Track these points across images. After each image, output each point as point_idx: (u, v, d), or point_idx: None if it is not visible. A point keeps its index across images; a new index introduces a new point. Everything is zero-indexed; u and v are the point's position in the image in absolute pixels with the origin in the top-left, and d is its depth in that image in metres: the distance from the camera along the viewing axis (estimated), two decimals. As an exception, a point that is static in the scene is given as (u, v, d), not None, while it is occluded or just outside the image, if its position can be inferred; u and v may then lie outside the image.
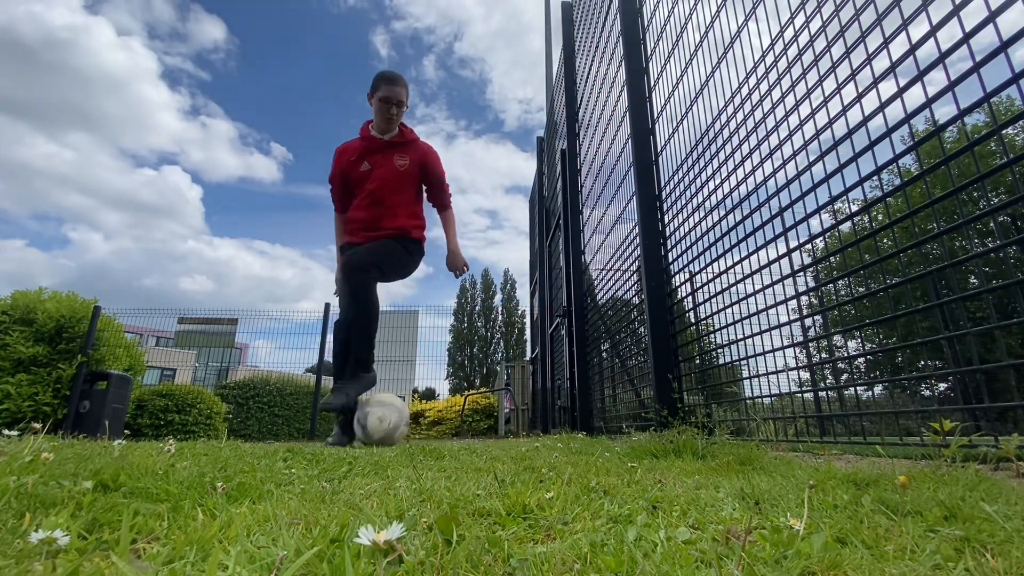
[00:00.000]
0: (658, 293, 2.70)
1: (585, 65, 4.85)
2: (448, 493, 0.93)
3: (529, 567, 0.52)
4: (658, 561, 0.53)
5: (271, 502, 0.83)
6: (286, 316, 10.81)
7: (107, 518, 0.68)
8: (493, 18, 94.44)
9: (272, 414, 8.06)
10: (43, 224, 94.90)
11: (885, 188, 1.55)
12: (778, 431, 2.16)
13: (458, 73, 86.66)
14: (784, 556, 0.54)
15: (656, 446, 1.74)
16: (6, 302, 5.76)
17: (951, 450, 1.17)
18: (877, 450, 1.46)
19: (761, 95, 2.04)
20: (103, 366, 5.99)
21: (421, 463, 1.55)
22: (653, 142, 2.99)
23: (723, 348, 2.25)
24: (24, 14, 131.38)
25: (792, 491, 0.91)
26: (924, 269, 1.38)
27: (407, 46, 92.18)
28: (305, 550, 0.52)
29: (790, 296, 1.86)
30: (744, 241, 2.11)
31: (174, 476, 0.96)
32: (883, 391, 5.56)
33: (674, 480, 1.12)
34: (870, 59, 1.51)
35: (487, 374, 35.98)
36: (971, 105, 1.23)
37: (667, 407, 2.42)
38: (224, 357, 9.93)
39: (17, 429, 1.36)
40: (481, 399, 8.51)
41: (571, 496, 0.88)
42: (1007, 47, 1.14)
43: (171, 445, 1.45)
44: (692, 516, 0.75)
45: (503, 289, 40.80)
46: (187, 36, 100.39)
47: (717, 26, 2.35)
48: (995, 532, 0.61)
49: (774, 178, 1.95)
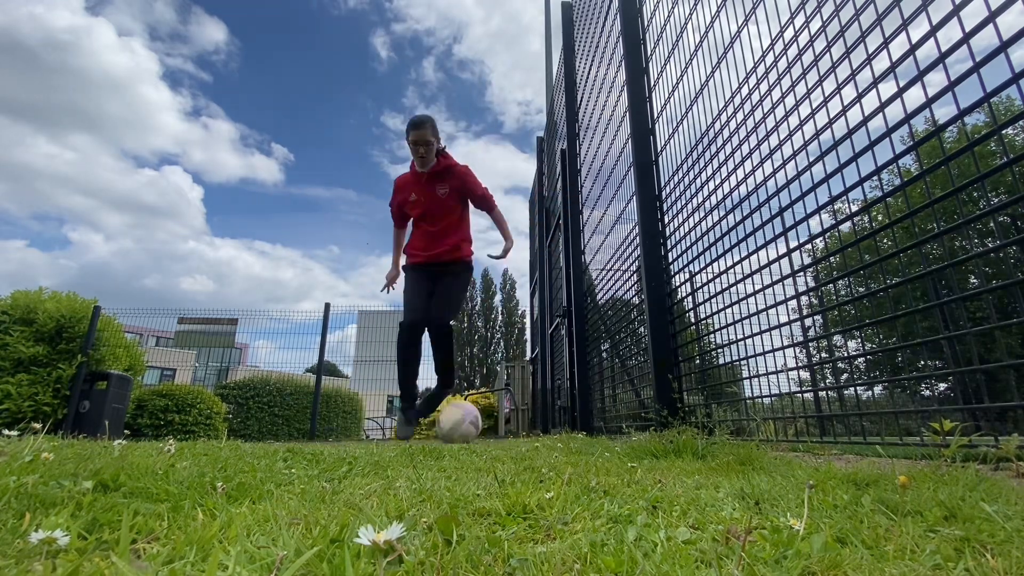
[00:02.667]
0: (658, 293, 2.70)
1: (585, 66, 4.85)
2: (448, 493, 0.93)
3: (529, 567, 0.52)
4: (658, 561, 0.53)
5: (271, 502, 0.83)
6: (286, 316, 10.82)
7: (107, 518, 0.68)
8: (492, 20, 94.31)
9: (272, 414, 8.06)
10: (44, 224, 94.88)
11: (885, 188, 1.55)
12: (778, 431, 2.16)
13: (458, 75, 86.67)
14: (784, 556, 0.54)
15: (656, 446, 1.74)
16: (6, 302, 5.76)
17: (951, 450, 1.17)
18: (877, 450, 1.46)
19: (761, 95, 2.04)
20: (103, 366, 5.99)
21: (421, 463, 1.55)
22: (653, 142, 2.99)
23: (723, 348, 2.25)
24: (25, 16, 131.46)
25: (792, 491, 0.91)
26: (924, 269, 1.38)
27: (407, 48, 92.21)
28: (305, 550, 0.52)
29: (790, 296, 1.86)
30: (744, 241, 2.11)
31: (174, 476, 0.96)
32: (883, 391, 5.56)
33: (674, 480, 1.12)
34: (870, 59, 1.51)
35: (487, 374, 35.98)
36: (971, 105, 1.23)
37: (667, 407, 2.42)
38: (224, 357, 9.93)
39: (17, 429, 1.36)
40: (481, 399, 8.50)
41: (571, 496, 0.88)
42: (1007, 47, 1.14)
43: (171, 445, 1.45)
44: (692, 516, 0.75)
45: (503, 289, 40.79)
46: (188, 38, 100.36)
47: (717, 26, 2.35)
48: (995, 532, 0.61)
49: (774, 178, 1.95)
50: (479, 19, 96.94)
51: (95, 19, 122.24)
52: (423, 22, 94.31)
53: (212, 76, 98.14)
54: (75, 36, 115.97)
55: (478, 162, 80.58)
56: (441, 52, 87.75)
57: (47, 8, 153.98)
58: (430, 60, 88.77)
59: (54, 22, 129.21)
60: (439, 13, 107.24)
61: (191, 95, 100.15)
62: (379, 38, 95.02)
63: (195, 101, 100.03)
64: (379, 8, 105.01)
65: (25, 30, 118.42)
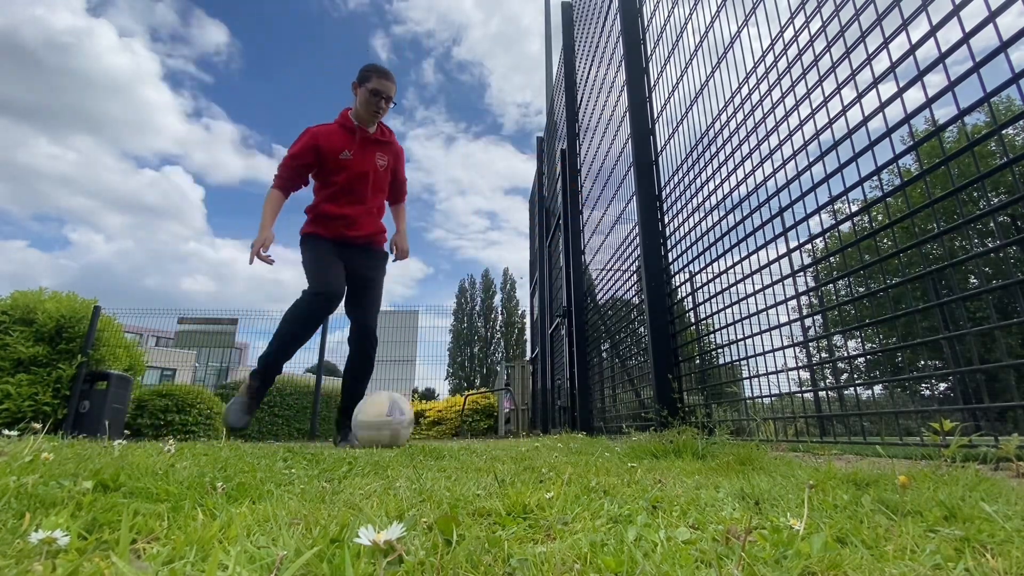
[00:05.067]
0: (658, 293, 2.70)
1: (585, 66, 4.85)
2: (448, 493, 0.93)
3: (529, 567, 0.52)
4: (658, 561, 0.53)
5: (271, 502, 0.83)
6: (286, 316, 10.77)
7: (107, 518, 0.68)
8: (491, 22, 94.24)
9: (272, 414, 8.06)
10: (44, 225, 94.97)
11: (885, 188, 1.55)
12: (778, 431, 2.16)
13: (457, 78, 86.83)
14: (784, 556, 0.54)
15: (656, 446, 1.74)
16: (6, 302, 5.76)
17: (951, 450, 1.17)
18: (877, 450, 1.46)
19: (761, 95, 2.04)
20: (103, 366, 5.99)
21: (421, 463, 1.55)
22: (653, 142, 2.99)
23: (723, 348, 2.25)
24: (27, 17, 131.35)
25: (792, 491, 0.91)
26: (924, 269, 1.38)
27: (407, 50, 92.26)
28: (305, 550, 0.52)
29: (790, 296, 1.86)
30: (744, 241, 2.11)
31: (174, 476, 0.96)
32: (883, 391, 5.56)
33: (674, 480, 1.12)
34: (869, 60, 1.51)
35: (487, 374, 35.98)
36: (971, 105, 1.23)
37: (667, 407, 2.42)
38: (224, 357, 9.93)
39: (17, 429, 1.36)
40: (481, 399, 8.50)
41: (571, 496, 0.88)
42: (1007, 47, 1.14)
43: (171, 445, 1.45)
44: (692, 516, 0.75)
45: (503, 289, 40.81)
46: (189, 39, 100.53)
47: (717, 26, 2.35)
48: (995, 532, 0.61)
49: (774, 178, 1.95)
50: (478, 21, 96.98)
51: (96, 21, 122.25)
52: (423, 24, 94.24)
53: (213, 77, 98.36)
54: (76, 38, 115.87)
55: (477, 163, 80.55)
56: (441, 54, 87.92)
57: (48, 9, 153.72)
58: (430, 62, 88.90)
59: (55, 24, 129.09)
60: (439, 15, 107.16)
61: (192, 96, 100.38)
62: (379, 40, 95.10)
63: (196, 102, 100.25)
64: (379, 10, 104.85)
65: (26, 32, 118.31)
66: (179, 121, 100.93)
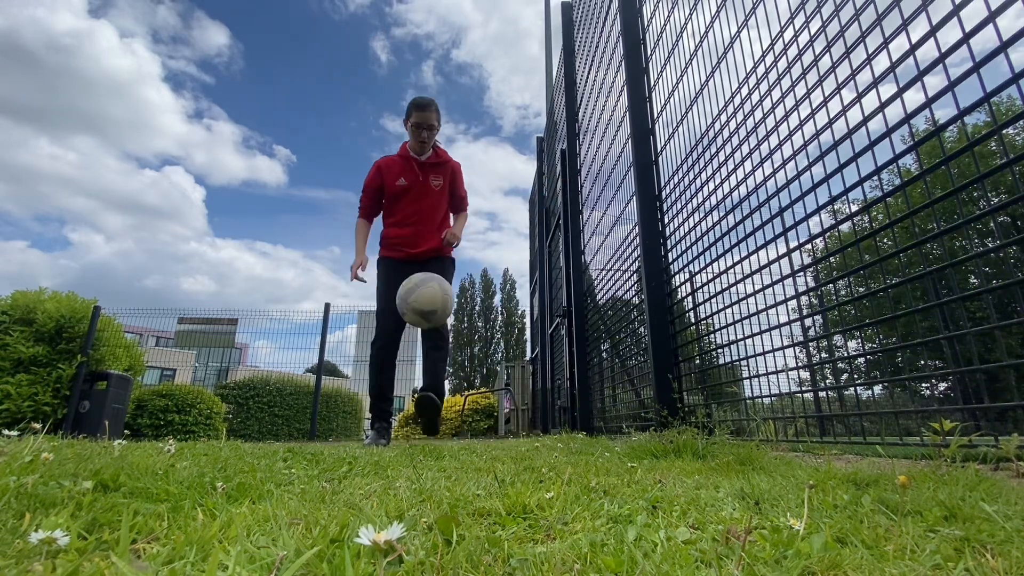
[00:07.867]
0: (658, 293, 2.70)
1: (585, 66, 4.84)
2: (448, 493, 0.93)
3: (529, 567, 0.52)
4: (658, 561, 0.53)
5: (271, 502, 0.83)
6: (286, 316, 10.80)
7: (107, 518, 0.68)
8: (491, 24, 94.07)
9: (272, 414, 8.06)
10: (45, 226, 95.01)
11: (885, 188, 1.55)
12: (778, 431, 2.16)
13: (456, 79, 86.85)
14: (784, 556, 0.54)
15: (656, 446, 1.74)
16: (6, 302, 5.76)
17: (951, 450, 1.17)
18: (877, 450, 1.46)
19: (760, 96, 2.04)
20: (103, 366, 5.99)
21: (421, 463, 1.55)
22: (653, 142, 2.99)
23: (723, 348, 2.25)
24: (27, 18, 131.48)
25: (792, 491, 0.91)
26: (924, 269, 1.38)
27: (406, 52, 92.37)
28: (305, 550, 0.52)
29: (790, 296, 1.86)
30: (744, 241, 2.11)
31: (174, 476, 0.96)
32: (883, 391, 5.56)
33: (674, 480, 1.12)
34: (869, 60, 1.51)
35: (487, 374, 35.99)
36: (971, 105, 1.23)
37: (667, 407, 2.42)
38: (224, 357, 9.93)
39: (17, 429, 1.36)
40: (481, 399, 8.49)
41: (571, 496, 0.88)
42: (1007, 47, 1.14)
43: (171, 445, 1.45)
44: (692, 516, 0.75)
45: (503, 289, 40.79)
46: (190, 41, 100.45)
47: (717, 27, 2.35)
48: (995, 532, 0.61)
49: (774, 178, 1.95)
50: (478, 23, 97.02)
51: (97, 22, 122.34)
52: (423, 26, 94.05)
53: (214, 78, 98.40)
54: (77, 39, 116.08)
55: (477, 163, 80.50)
56: (440, 56, 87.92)
57: (49, 11, 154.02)
58: (429, 64, 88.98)
59: (56, 25, 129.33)
60: (438, 17, 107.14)
61: (193, 97, 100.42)
62: (379, 42, 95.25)
63: (197, 103, 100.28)
64: (379, 12, 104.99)
65: (27, 33, 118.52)
66: (180, 122, 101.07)
